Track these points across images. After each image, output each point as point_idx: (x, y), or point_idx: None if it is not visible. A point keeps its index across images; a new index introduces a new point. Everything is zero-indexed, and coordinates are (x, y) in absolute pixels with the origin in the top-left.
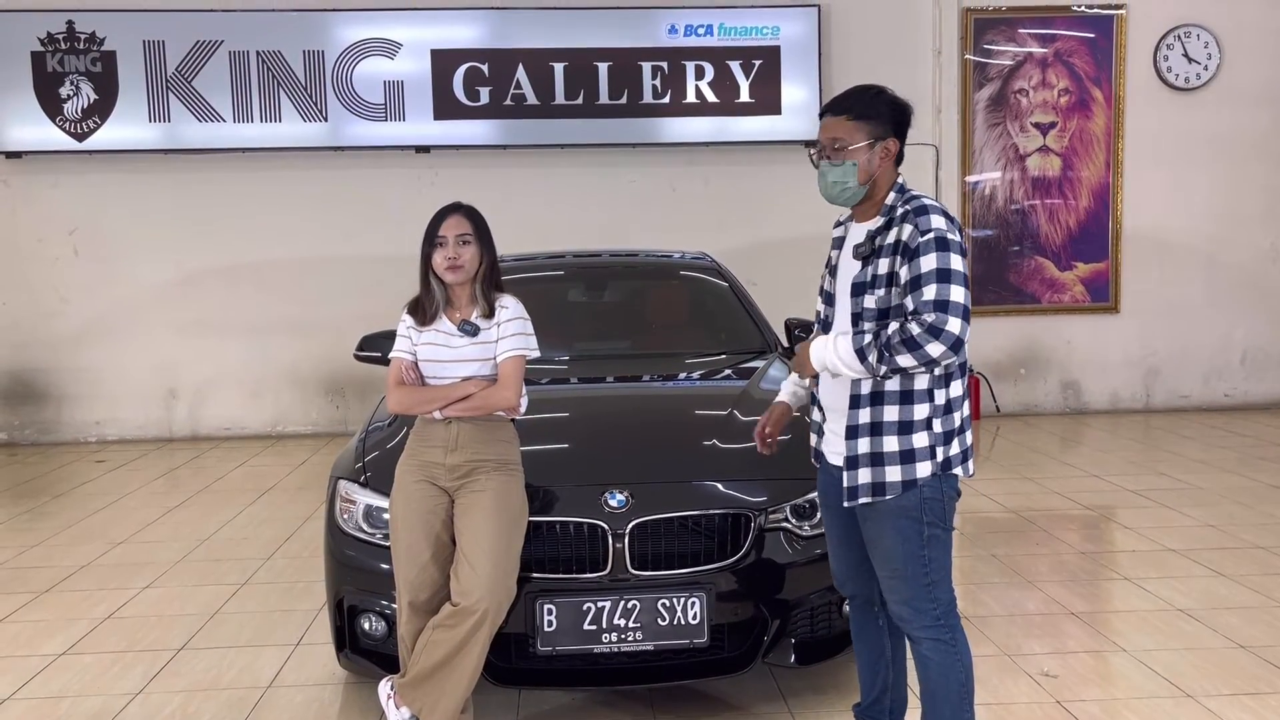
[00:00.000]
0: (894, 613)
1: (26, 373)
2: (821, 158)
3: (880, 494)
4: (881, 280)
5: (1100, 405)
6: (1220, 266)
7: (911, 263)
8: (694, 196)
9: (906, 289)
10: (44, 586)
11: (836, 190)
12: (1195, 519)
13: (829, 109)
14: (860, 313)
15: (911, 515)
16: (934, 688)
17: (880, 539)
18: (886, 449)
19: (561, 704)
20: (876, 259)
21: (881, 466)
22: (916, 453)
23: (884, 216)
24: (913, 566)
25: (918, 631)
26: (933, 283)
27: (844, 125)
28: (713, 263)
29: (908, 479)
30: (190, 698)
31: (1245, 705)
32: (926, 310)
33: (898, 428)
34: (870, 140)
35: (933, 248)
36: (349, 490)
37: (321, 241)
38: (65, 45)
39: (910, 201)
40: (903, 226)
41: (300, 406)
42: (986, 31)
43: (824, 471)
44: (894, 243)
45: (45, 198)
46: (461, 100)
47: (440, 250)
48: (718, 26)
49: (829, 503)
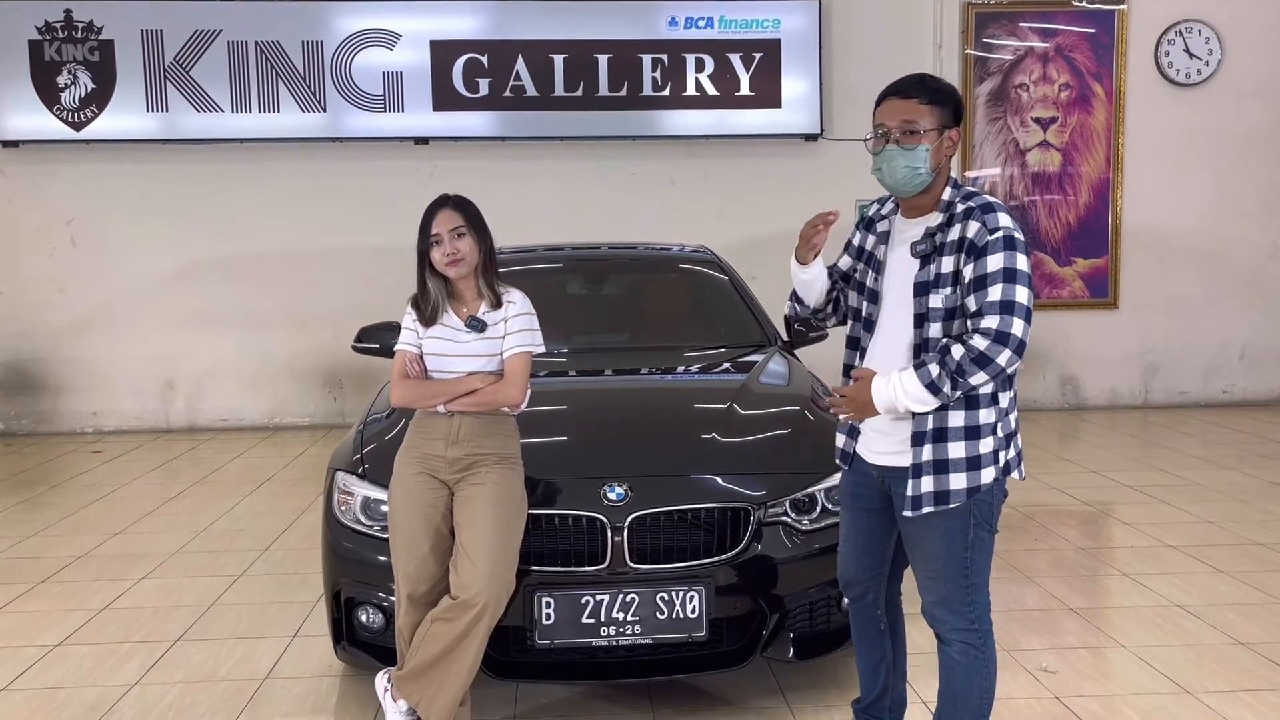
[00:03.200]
0: (927, 611)
1: (23, 363)
2: (888, 141)
3: (944, 502)
4: (947, 279)
5: (1099, 401)
6: (1220, 263)
7: (978, 261)
8: (694, 189)
9: (970, 288)
10: (40, 577)
11: (906, 176)
12: (1194, 515)
13: (896, 92)
14: (925, 313)
15: (960, 517)
16: (956, 690)
17: (923, 540)
18: (952, 455)
19: (559, 698)
20: (939, 256)
21: (946, 474)
22: (982, 459)
23: (943, 213)
24: (954, 568)
25: (949, 633)
26: (999, 283)
27: (917, 108)
28: (712, 256)
29: (972, 486)
30: (187, 689)
31: (1244, 702)
32: (991, 312)
33: (964, 433)
34: (940, 127)
35: (1000, 247)
36: (347, 482)
37: (320, 233)
38: (63, 34)
39: (972, 198)
40: (967, 223)
41: (298, 398)
42: (988, 26)
43: (855, 473)
44: (958, 240)
45: (42, 187)
46: (461, 92)
47: (437, 247)
48: (718, 19)
49: (858, 505)
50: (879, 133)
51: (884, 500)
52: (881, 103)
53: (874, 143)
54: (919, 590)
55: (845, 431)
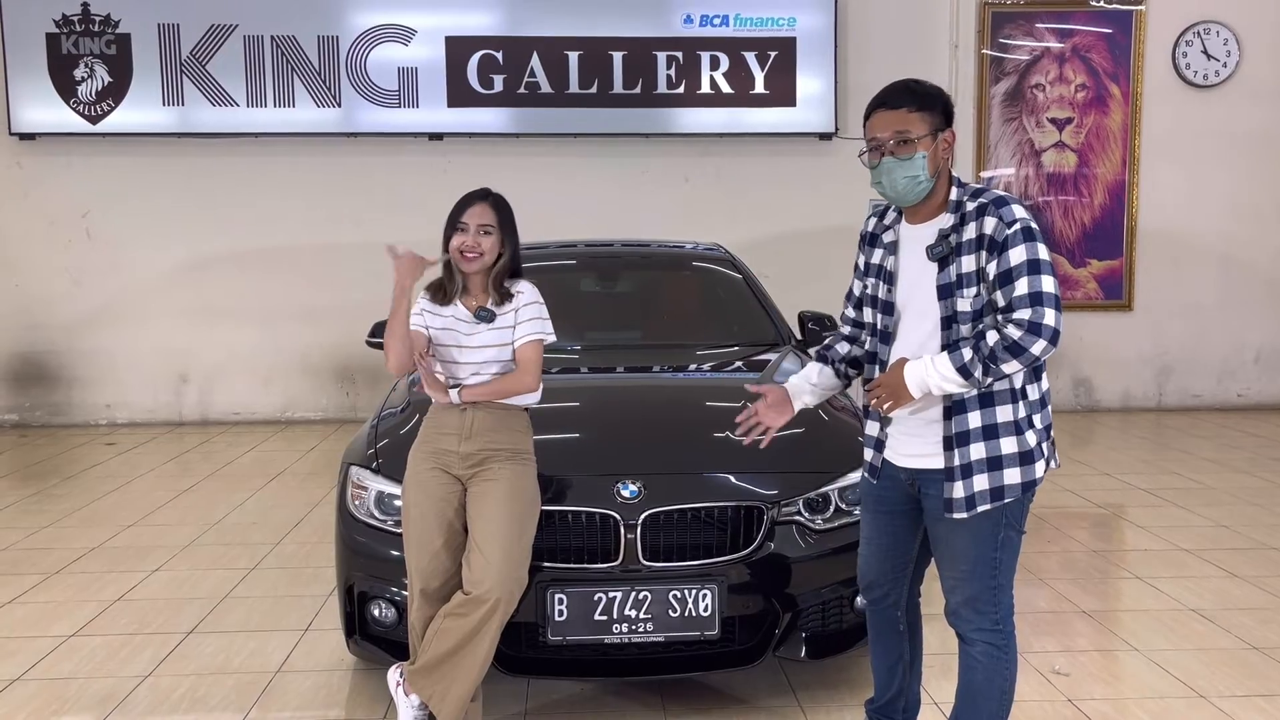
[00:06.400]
0: (952, 611)
1: (38, 355)
2: (883, 154)
3: (999, 499)
4: (969, 279)
5: (1112, 403)
6: (1235, 265)
7: (1000, 256)
8: (707, 187)
9: (995, 284)
10: (54, 568)
11: (907, 186)
12: (1208, 519)
13: (884, 104)
14: (953, 315)
15: (991, 518)
16: (977, 690)
17: (953, 540)
18: (1005, 451)
19: (571, 694)
20: (958, 257)
21: (1000, 470)
22: (1033, 452)
23: (952, 213)
24: (982, 567)
25: (974, 633)
26: (1024, 275)
27: (907, 117)
28: (726, 254)
29: (1027, 480)
30: (199, 681)
31: (1258, 706)
32: (1021, 306)
33: (1014, 428)
34: (933, 131)
35: (1020, 239)
36: (360, 476)
37: (333, 227)
38: (80, 27)
39: (981, 194)
40: (983, 220)
41: (310, 392)
42: (1004, 25)
43: (880, 477)
44: (975, 238)
45: (58, 180)
46: (475, 88)
47: (460, 236)
48: (733, 17)
49: (881, 508)
50: (872, 146)
51: (910, 503)
52: (870, 116)
53: (869, 157)
54: (945, 591)
55: (873, 446)
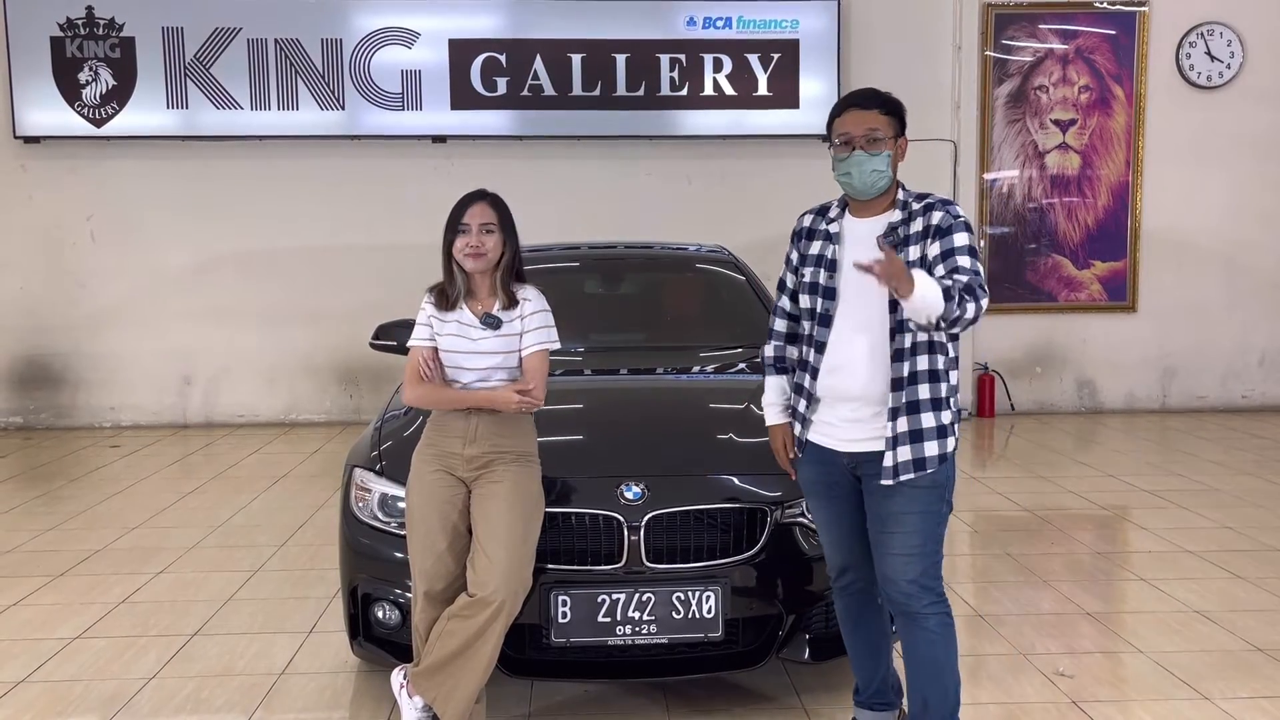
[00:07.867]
0: (902, 592)
1: (43, 357)
2: (853, 149)
3: (921, 469)
4: (914, 265)
5: (1116, 405)
6: (1240, 267)
7: (944, 238)
8: (710, 189)
9: (939, 259)
10: (58, 570)
11: (873, 179)
12: (1212, 521)
13: (857, 103)
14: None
15: (936, 491)
16: (940, 660)
17: (906, 517)
18: (925, 425)
19: (574, 696)
20: (905, 247)
21: (920, 443)
22: (947, 428)
23: (901, 210)
24: (930, 544)
25: (925, 608)
26: (966, 255)
27: (878, 118)
28: (729, 255)
29: (942, 453)
30: (203, 683)
31: (1263, 708)
32: (967, 274)
33: (931, 405)
34: (895, 135)
35: (962, 228)
36: (364, 479)
37: (337, 230)
38: (84, 31)
39: (926, 196)
40: (931, 214)
41: (314, 395)
42: (1007, 27)
43: (815, 462)
44: (923, 229)
45: (63, 183)
46: (479, 90)
47: (462, 237)
48: (736, 19)
49: (832, 494)
50: (843, 140)
51: (854, 485)
52: (842, 114)
53: (839, 149)
54: (893, 573)
55: (802, 421)
